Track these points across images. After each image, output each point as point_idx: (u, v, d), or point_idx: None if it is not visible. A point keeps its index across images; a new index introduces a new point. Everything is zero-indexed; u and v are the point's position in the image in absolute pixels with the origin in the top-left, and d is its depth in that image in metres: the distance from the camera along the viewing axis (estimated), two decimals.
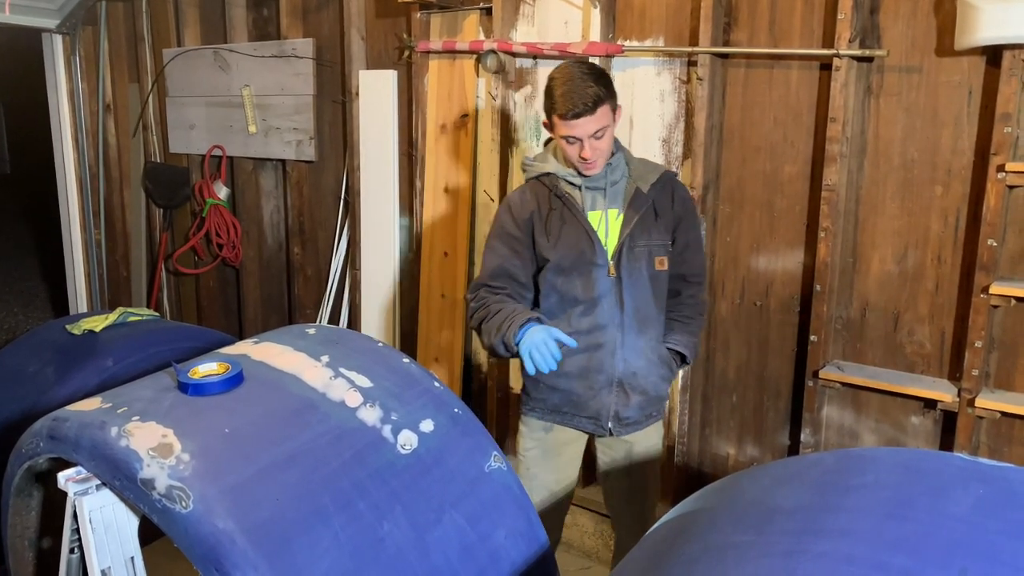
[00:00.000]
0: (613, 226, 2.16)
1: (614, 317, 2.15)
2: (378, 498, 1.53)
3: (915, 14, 2.54)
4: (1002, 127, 2.36)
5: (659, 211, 2.18)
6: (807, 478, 1.21)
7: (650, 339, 2.20)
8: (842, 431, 2.85)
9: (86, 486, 1.50)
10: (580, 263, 2.13)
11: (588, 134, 2.04)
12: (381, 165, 3.76)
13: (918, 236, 2.63)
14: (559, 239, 2.14)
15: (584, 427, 2.25)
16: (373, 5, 3.74)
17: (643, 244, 2.15)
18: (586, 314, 2.15)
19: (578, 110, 2.00)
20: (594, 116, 2.02)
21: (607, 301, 2.14)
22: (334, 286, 4.15)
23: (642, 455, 2.32)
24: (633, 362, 2.18)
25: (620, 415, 2.21)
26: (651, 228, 2.17)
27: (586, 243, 2.13)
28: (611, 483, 2.40)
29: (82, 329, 2.51)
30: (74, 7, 4.73)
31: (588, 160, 2.08)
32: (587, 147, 2.05)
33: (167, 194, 4.78)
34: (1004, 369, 2.55)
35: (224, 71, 4.31)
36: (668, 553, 1.16)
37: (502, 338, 2.02)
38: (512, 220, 2.19)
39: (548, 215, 2.16)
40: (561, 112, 2.02)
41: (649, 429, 2.31)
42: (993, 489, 1.08)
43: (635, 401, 2.20)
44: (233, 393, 1.66)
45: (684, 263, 2.26)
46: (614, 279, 2.14)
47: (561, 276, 2.16)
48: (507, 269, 2.18)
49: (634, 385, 2.19)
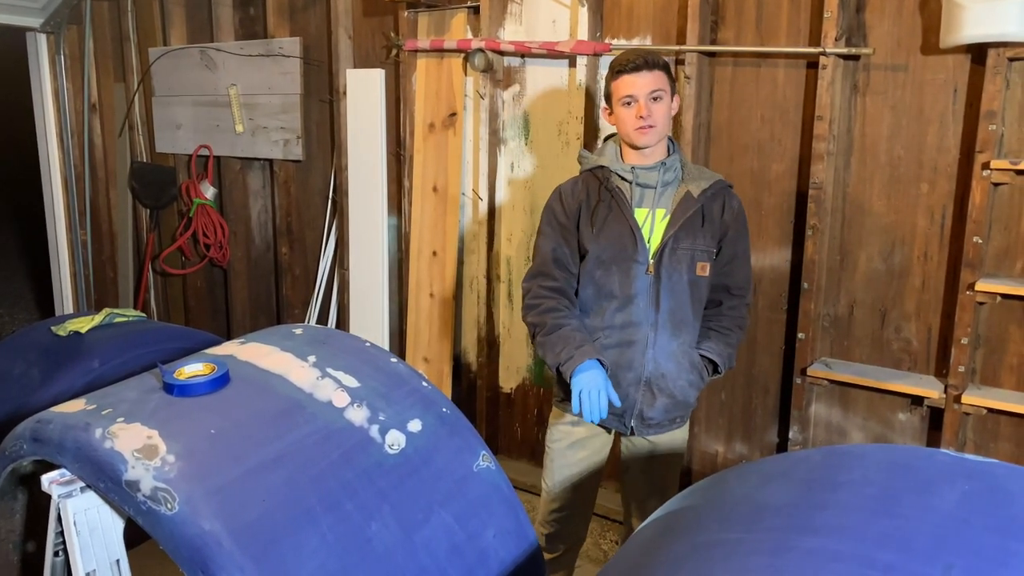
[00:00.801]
0: (659, 225, 2.16)
1: (648, 316, 2.15)
2: (366, 498, 1.52)
3: (901, 12, 2.55)
4: (987, 125, 2.38)
5: (707, 217, 2.17)
6: (794, 475, 1.21)
7: (683, 343, 2.19)
8: (830, 428, 2.86)
9: (70, 488, 1.48)
10: (620, 257, 2.15)
11: (646, 92, 2.08)
12: (369, 164, 3.75)
13: (905, 233, 2.64)
14: (602, 231, 2.16)
15: (608, 423, 2.25)
16: (360, 4, 3.72)
17: (686, 247, 2.15)
18: (621, 310, 2.16)
19: (638, 63, 2.08)
20: (652, 74, 2.08)
21: (643, 299, 2.15)
22: (322, 286, 4.14)
23: (665, 456, 2.33)
24: (663, 363, 2.18)
25: (644, 415, 2.21)
26: (696, 233, 2.16)
27: (628, 238, 2.14)
28: (630, 480, 2.40)
29: (68, 330, 2.49)
30: (58, 6, 4.70)
31: (644, 120, 2.09)
32: (644, 105, 2.08)
33: (154, 194, 4.75)
34: (990, 365, 2.57)
35: (211, 70, 4.29)
36: (655, 552, 1.16)
37: (558, 366, 2.11)
38: (562, 208, 2.23)
39: (596, 206, 2.18)
40: (621, 65, 2.10)
41: (675, 432, 2.31)
42: (979, 485, 1.08)
43: (660, 403, 2.20)
44: (219, 394, 1.65)
45: (729, 274, 2.25)
46: (652, 277, 2.14)
47: (600, 268, 2.17)
48: (558, 256, 2.23)
49: (661, 387, 2.19)
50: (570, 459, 2.34)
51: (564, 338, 2.11)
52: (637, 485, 2.40)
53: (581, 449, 2.33)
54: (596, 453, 2.35)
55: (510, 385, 3.61)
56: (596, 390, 2.03)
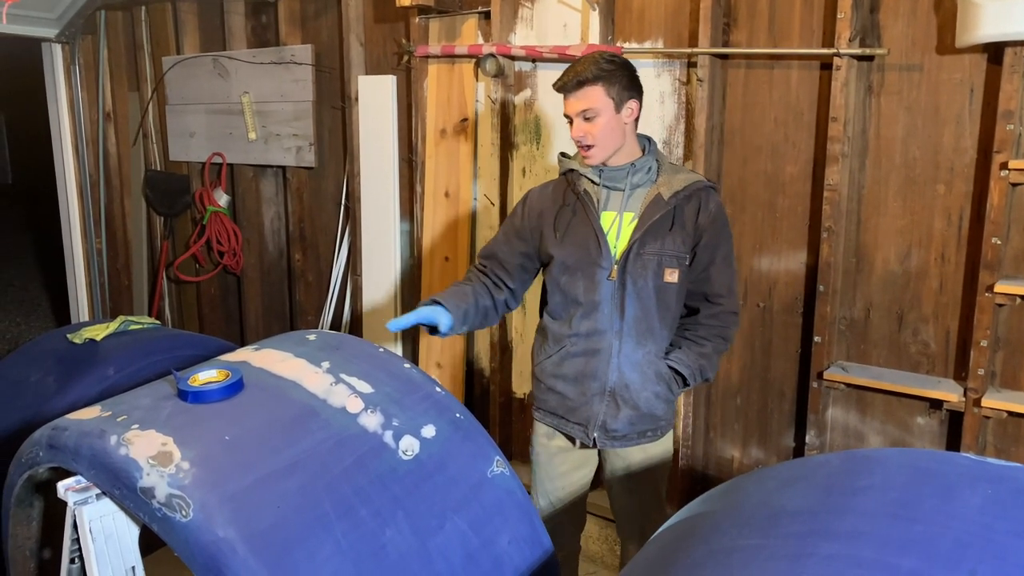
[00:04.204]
0: (626, 229, 2.09)
1: (613, 323, 2.09)
2: (380, 505, 1.51)
3: (915, 12, 2.53)
4: (1004, 124, 2.35)
5: (678, 221, 2.08)
6: (813, 480, 1.19)
7: (648, 352, 2.11)
8: (847, 432, 2.83)
9: (86, 495, 1.49)
10: (584, 263, 2.10)
11: (575, 112, 2.05)
12: (381, 170, 3.75)
13: (921, 235, 2.62)
14: (566, 236, 2.13)
15: (574, 433, 2.20)
16: (372, 10, 3.74)
17: (652, 252, 2.06)
18: (586, 317, 2.11)
19: (566, 83, 2.04)
20: (579, 92, 2.03)
21: (607, 306, 2.09)
22: (335, 292, 4.14)
23: (642, 473, 2.25)
24: (627, 373, 2.11)
25: (607, 426, 2.15)
26: (664, 237, 2.07)
27: (592, 243, 2.09)
28: (613, 498, 2.36)
29: (83, 338, 2.50)
30: (73, 16, 4.73)
31: (577, 142, 2.07)
32: (576, 125, 2.05)
33: (167, 202, 4.78)
34: (1010, 368, 2.54)
35: (223, 78, 4.31)
36: (673, 557, 1.15)
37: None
38: (522, 210, 2.26)
39: (560, 210, 2.16)
40: (557, 85, 2.08)
41: (647, 446, 2.22)
42: (1001, 489, 1.06)
43: (624, 415, 2.13)
44: (233, 400, 1.65)
45: (707, 281, 2.14)
46: (616, 284, 2.08)
47: (566, 275, 2.14)
48: (496, 253, 2.28)
49: (625, 398, 2.12)
50: (551, 472, 2.30)
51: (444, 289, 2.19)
52: (619, 502, 2.34)
53: (561, 463, 2.29)
54: (576, 468, 2.30)
55: (523, 390, 3.60)
56: (415, 314, 2.07)
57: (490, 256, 2.28)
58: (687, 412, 3.05)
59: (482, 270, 2.28)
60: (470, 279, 2.26)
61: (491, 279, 2.25)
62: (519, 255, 2.23)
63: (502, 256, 2.25)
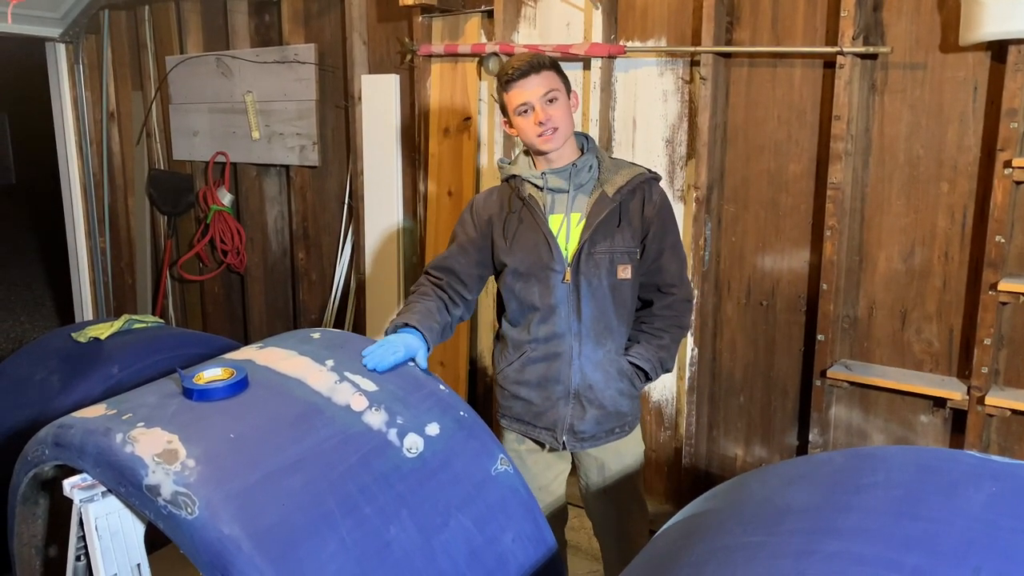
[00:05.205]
0: (575, 231, 2.07)
1: (571, 326, 2.08)
2: (384, 502, 1.52)
3: (919, 10, 2.53)
4: (1008, 122, 2.35)
5: (625, 216, 2.08)
6: (816, 478, 1.20)
7: (608, 351, 2.11)
8: (851, 431, 2.83)
9: (92, 493, 1.49)
10: (537, 268, 2.08)
11: (539, 96, 2.00)
12: (384, 169, 3.76)
13: (925, 233, 2.62)
14: (515, 242, 2.10)
15: (542, 438, 2.19)
16: (375, 9, 3.74)
17: (603, 251, 2.06)
18: (544, 322, 2.10)
19: (524, 68, 2.00)
20: (541, 76, 2.00)
21: (564, 309, 2.08)
22: (339, 291, 4.15)
23: (617, 470, 2.24)
24: (590, 374, 2.10)
25: (575, 428, 2.14)
26: (613, 234, 2.06)
27: (543, 247, 2.07)
28: (587, 498, 2.34)
29: (88, 337, 2.51)
30: (77, 16, 4.74)
31: (544, 126, 2.01)
32: (540, 110, 2.00)
33: (171, 201, 4.78)
34: (1013, 366, 2.54)
35: (227, 77, 4.32)
36: (676, 555, 1.15)
37: (386, 330, 2.02)
38: (471, 219, 2.19)
39: (507, 217, 2.12)
40: (508, 75, 2.02)
41: (618, 443, 2.21)
42: (1006, 486, 1.06)
43: (591, 415, 2.12)
44: (238, 398, 1.65)
45: (658, 272, 2.14)
46: (570, 286, 2.06)
47: (520, 281, 2.11)
48: (452, 267, 2.17)
49: (590, 398, 2.11)
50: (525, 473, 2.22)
51: (407, 307, 2.08)
52: (593, 504, 2.32)
53: (534, 464, 2.25)
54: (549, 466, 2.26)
55: None
56: (394, 348, 1.86)
57: (447, 270, 2.18)
58: (690, 410, 3.05)
59: (437, 283, 2.18)
60: (427, 294, 2.16)
61: (447, 294, 2.17)
62: (476, 265, 2.18)
63: (459, 269, 2.17)
